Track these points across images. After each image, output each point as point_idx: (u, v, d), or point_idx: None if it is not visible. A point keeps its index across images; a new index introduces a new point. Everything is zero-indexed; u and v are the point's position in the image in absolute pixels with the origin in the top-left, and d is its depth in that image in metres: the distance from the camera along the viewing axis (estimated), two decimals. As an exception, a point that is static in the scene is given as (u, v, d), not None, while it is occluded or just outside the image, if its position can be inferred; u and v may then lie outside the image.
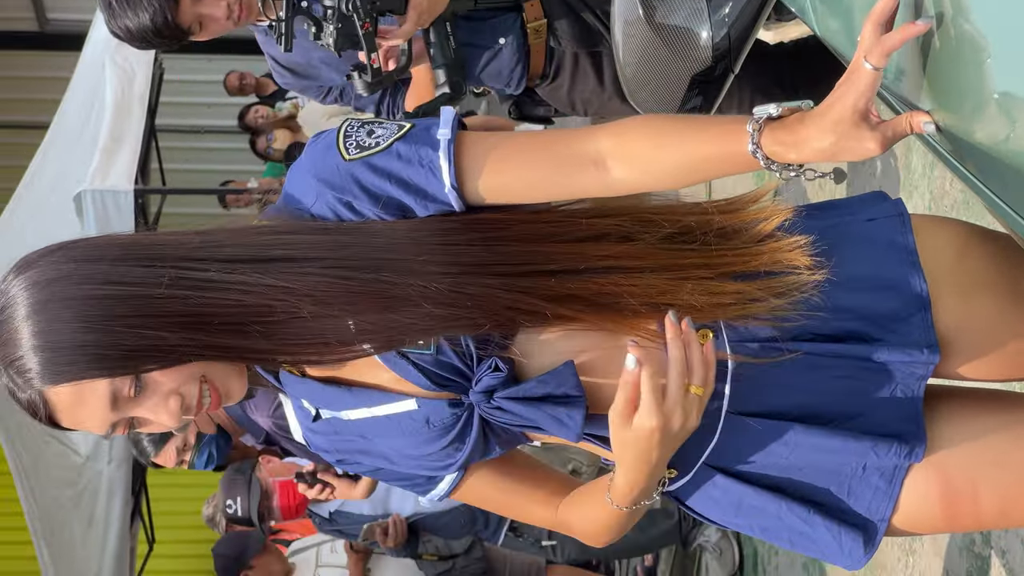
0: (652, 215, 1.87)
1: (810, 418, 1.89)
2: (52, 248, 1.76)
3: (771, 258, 1.84)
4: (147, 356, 1.73)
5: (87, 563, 7.31)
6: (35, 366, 1.71)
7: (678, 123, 1.82)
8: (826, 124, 1.66)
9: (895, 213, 1.96)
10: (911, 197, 4.31)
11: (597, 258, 1.82)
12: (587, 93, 3.38)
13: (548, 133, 1.88)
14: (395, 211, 1.83)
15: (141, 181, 7.43)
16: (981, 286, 1.91)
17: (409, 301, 1.77)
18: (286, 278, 1.75)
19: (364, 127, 1.87)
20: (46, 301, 1.70)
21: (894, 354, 1.86)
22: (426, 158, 1.82)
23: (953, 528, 1.99)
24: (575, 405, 1.84)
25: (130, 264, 1.73)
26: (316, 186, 1.84)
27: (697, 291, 1.82)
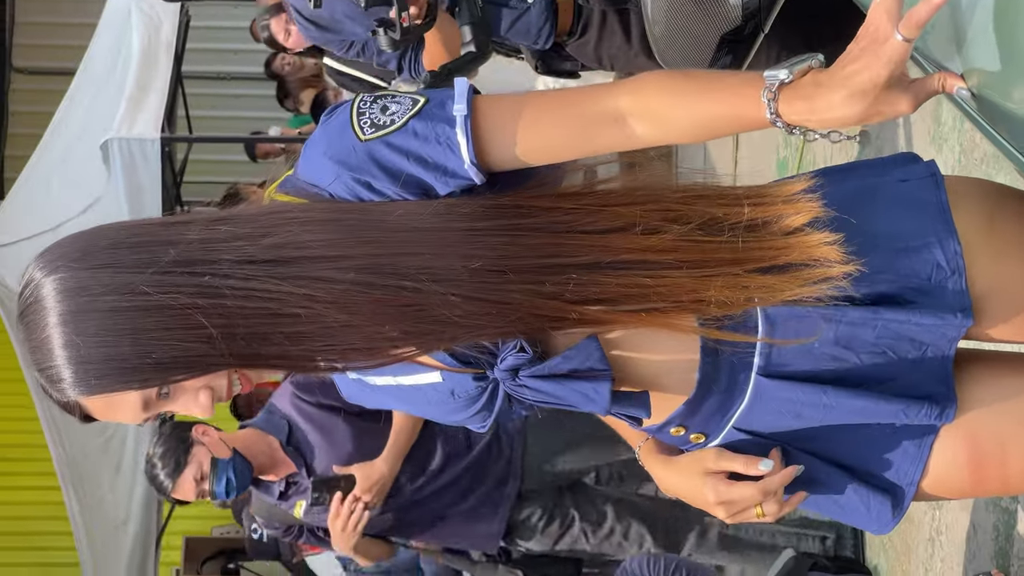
0: (680, 205, 1.84)
1: (841, 381, 1.88)
2: (75, 252, 1.73)
3: (801, 253, 1.81)
4: (174, 368, 1.72)
5: (115, 509, 7.36)
6: (67, 377, 1.71)
7: (694, 81, 1.79)
8: (852, 92, 1.64)
9: (928, 174, 1.93)
10: (940, 150, 4.28)
11: (623, 251, 1.80)
12: (614, 50, 3.36)
13: (566, 92, 1.84)
14: (415, 189, 1.80)
15: (168, 129, 7.43)
16: (1012, 248, 1.89)
17: (433, 312, 1.75)
18: (309, 285, 1.72)
19: (377, 102, 1.83)
20: (74, 312, 1.69)
21: (927, 317, 1.85)
22: (443, 135, 1.79)
23: (980, 492, 1.98)
24: (601, 379, 1.83)
25: (153, 273, 1.70)
26: (333, 167, 1.80)
27: (725, 287, 1.80)
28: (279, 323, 1.72)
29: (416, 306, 1.74)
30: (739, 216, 1.81)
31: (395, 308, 1.74)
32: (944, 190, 1.91)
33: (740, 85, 1.74)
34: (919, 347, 1.87)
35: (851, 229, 1.85)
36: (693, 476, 1.96)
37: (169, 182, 7.39)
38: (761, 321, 1.86)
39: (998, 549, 3.97)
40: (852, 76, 1.64)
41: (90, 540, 7.52)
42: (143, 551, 7.51)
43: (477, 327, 1.78)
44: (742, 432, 1.95)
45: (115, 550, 7.50)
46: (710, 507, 1.96)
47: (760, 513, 1.93)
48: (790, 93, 1.69)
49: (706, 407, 1.92)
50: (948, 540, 4.35)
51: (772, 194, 1.84)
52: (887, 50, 1.61)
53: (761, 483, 1.91)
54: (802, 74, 1.69)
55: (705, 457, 1.95)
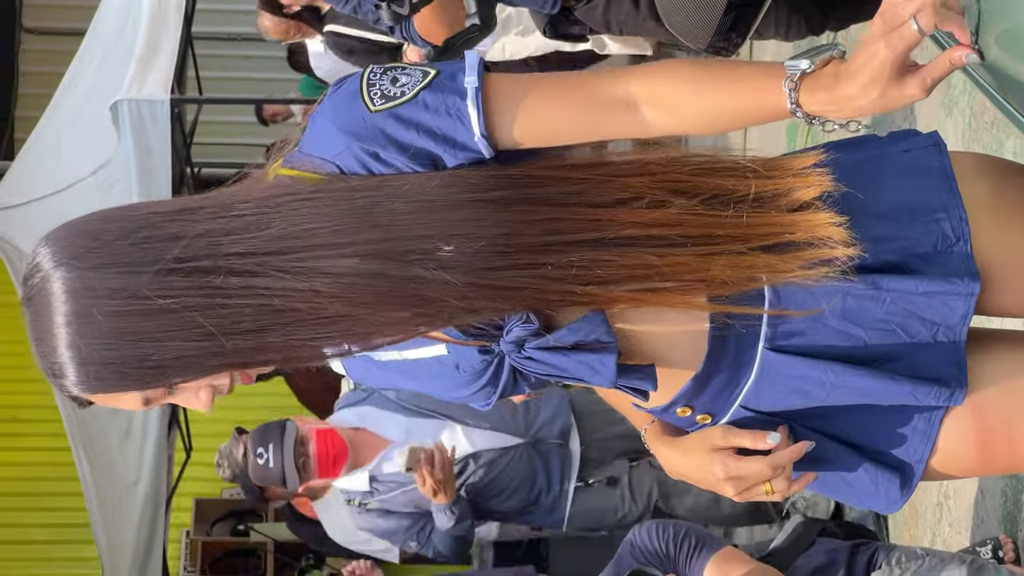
0: (691, 176, 1.83)
1: (849, 359, 1.87)
2: (80, 249, 1.73)
3: (806, 231, 1.80)
4: (175, 370, 1.73)
5: (125, 470, 7.37)
6: (71, 374, 1.73)
7: (709, 71, 1.79)
8: (864, 82, 1.64)
9: (931, 143, 1.93)
10: (951, 114, 4.26)
11: (627, 225, 1.78)
12: (622, 15, 3.33)
13: (577, 76, 1.84)
14: (424, 160, 1.80)
15: (177, 90, 7.40)
16: (1016, 219, 1.89)
17: (438, 297, 1.75)
18: (313, 278, 1.72)
19: (387, 74, 1.82)
20: (77, 314, 1.70)
21: (934, 284, 1.84)
22: (454, 107, 1.79)
23: (988, 470, 1.97)
24: (607, 351, 1.83)
25: (156, 273, 1.70)
26: (342, 138, 1.80)
27: (728, 265, 1.79)
28: (281, 317, 1.72)
29: (420, 295, 1.74)
30: (749, 188, 1.80)
31: (399, 296, 1.74)
32: (948, 157, 1.91)
33: (758, 76, 1.74)
34: (930, 328, 1.86)
35: (856, 199, 1.84)
36: (700, 454, 1.95)
37: (179, 143, 7.37)
38: (768, 293, 1.85)
39: (1006, 514, 3.97)
40: (863, 66, 1.64)
41: (100, 501, 7.54)
42: (153, 512, 7.52)
43: (482, 309, 1.78)
44: (749, 411, 1.95)
45: (125, 511, 7.51)
46: (719, 484, 1.94)
47: (769, 490, 1.92)
48: (811, 83, 1.69)
49: (713, 384, 1.92)
50: (956, 505, 4.35)
51: (783, 166, 1.83)
52: (896, 37, 1.61)
53: (770, 457, 1.90)
54: (823, 64, 1.70)
55: (712, 434, 1.94)
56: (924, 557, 3.55)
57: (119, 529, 7.58)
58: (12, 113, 12.20)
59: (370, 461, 5.15)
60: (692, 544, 3.59)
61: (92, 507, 7.60)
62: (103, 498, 7.53)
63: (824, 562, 3.75)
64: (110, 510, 7.57)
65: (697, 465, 1.96)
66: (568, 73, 1.86)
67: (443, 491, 4.82)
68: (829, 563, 3.74)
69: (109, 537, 7.64)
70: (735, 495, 1.95)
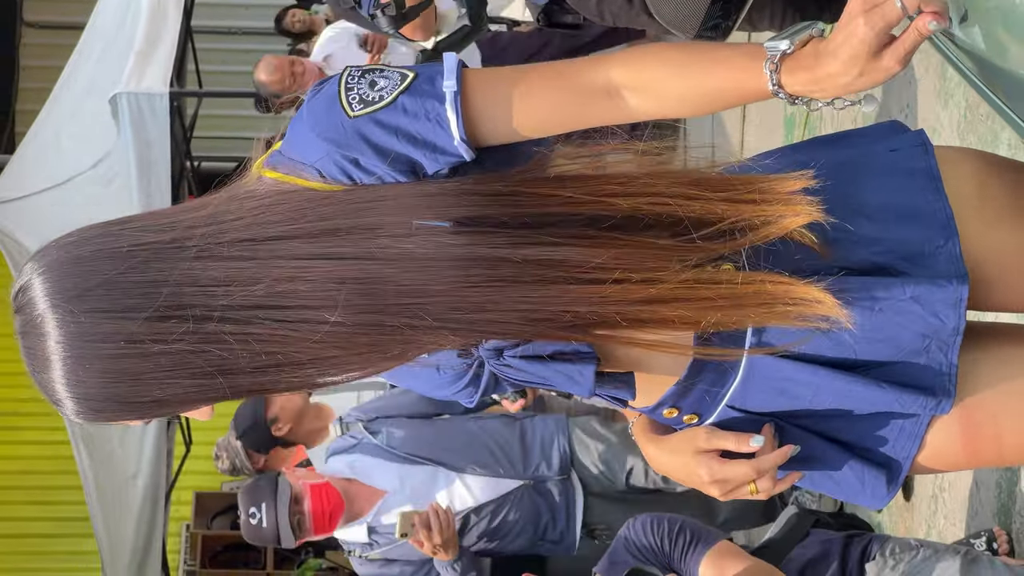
0: (679, 200, 1.78)
1: (836, 363, 1.87)
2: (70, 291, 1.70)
3: (800, 303, 1.78)
4: (173, 404, 1.73)
5: (125, 464, 7.38)
6: (69, 404, 1.72)
7: (690, 54, 1.77)
8: (844, 60, 1.63)
9: (918, 143, 1.92)
10: (946, 105, 4.26)
11: (622, 303, 1.75)
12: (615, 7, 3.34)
13: (558, 66, 1.82)
14: (404, 166, 1.77)
15: (177, 83, 7.42)
16: (1004, 216, 1.88)
17: (425, 338, 1.74)
18: (305, 329, 1.71)
19: (365, 77, 1.80)
20: (74, 357, 1.69)
21: (922, 287, 1.83)
22: (432, 111, 1.76)
23: (974, 464, 1.97)
24: (586, 361, 1.83)
25: (147, 319, 1.68)
26: (321, 145, 1.77)
27: (719, 321, 1.78)
28: (276, 359, 1.71)
29: (408, 338, 1.73)
30: (736, 214, 1.78)
31: (389, 339, 1.73)
32: (934, 158, 1.90)
33: (739, 57, 1.72)
34: (922, 340, 1.85)
35: (842, 200, 1.84)
36: (685, 455, 1.95)
37: (179, 137, 7.39)
38: (750, 331, 1.86)
39: (1000, 506, 3.97)
40: (842, 44, 1.63)
41: (100, 495, 7.55)
42: (153, 505, 7.54)
43: (470, 341, 1.79)
44: (735, 410, 1.94)
45: (125, 504, 7.53)
46: (704, 486, 1.94)
47: (754, 490, 1.92)
48: (792, 64, 1.68)
49: (698, 386, 1.91)
50: (951, 497, 4.36)
51: (771, 190, 1.80)
52: (877, 15, 1.60)
53: (755, 461, 1.90)
54: (803, 44, 1.68)
55: (697, 436, 1.94)
56: (918, 548, 3.55)
57: (118, 523, 7.60)
58: (12, 107, 12.23)
59: (366, 513, 5.03)
60: (687, 539, 3.59)
61: (91, 501, 7.62)
62: (103, 491, 7.54)
63: (818, 553, 3.74)
64: (110, 504, 7.58)
65: (682, 465, 1.96)
66: (548, 64, 1.84)
67: (444, 551, 4.70)
68: (823, 554, 3.73)
69: (108, 531, 7.66)
70: (720, 496, 1.95)
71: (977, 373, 1.90)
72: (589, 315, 1.75)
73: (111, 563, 7.73)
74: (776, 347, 1.85)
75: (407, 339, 1.73)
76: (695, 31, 2.37)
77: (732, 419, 1.94)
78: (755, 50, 1.71)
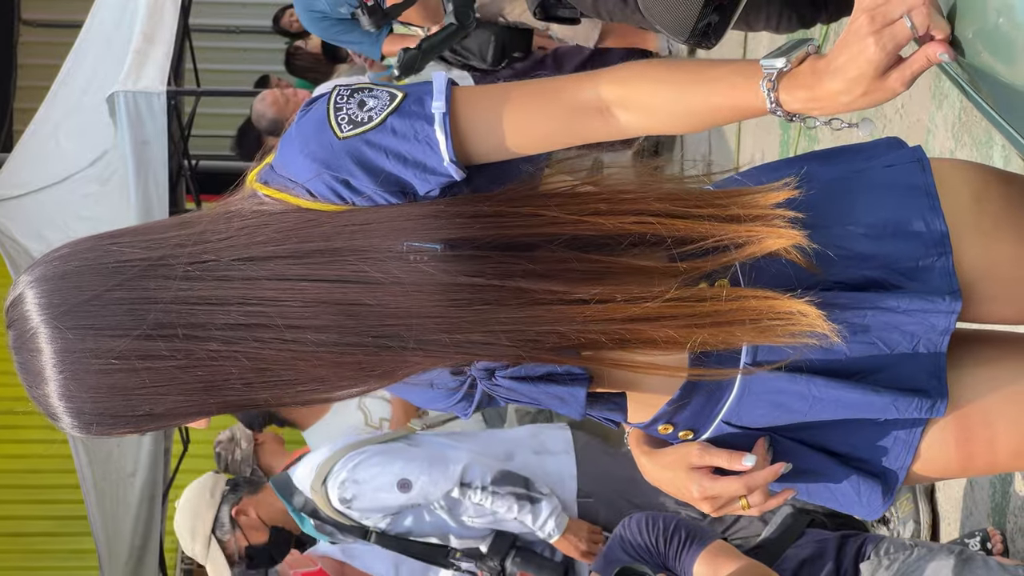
0: (664, 219, 1.79)
1: (830, 372, 1.87)
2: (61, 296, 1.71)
3: (784, 318, 1.78)
4: (165, 418, 1.75)
5: (123, 462, 7.40)
6: (65, 419, 1.73)
7: (682, 72, 1.77)
8: (849, 79, 1.63)
9: (914, 159, 1.92)
10: (941, 107, 4.26)
11: (606, 320, 1.76)
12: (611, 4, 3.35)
13: (548, 83, 1.82)
14: (394, 187, 1.77)
15: (174, 82, 7.42)
16: (1001, 229, 1.88)
17: (413, 361, 1.75)
18: (292, 349, 1.72)
19: (354, 97, 1.80)
20: (67, 374, 1.70)
21: (915, 302, 1.83)
22: (422, 132, 1.76)
23: (968, 472, 1.97)
24: (577, 384, 1.84)
25: (135, 338, 1.69)
26: (311, 166, 1.77)
27: (709, 338, 1.79)
28: (265, 376, 1.72)
29: (396, 359, 1.74)
30: (722, 234, 1.78)
31: (376, 360, 1.74)
32: (930, 173, 1.90)
33: (734, 75, 1.72)
34: (911, 340, 1.86)
35: (836, 216, 1.85)
36: (677, 471, 1.95)
37: (176, 135, 7.40)
38: (745, 348, 1.86)
39: (995, 506, 3.97)
40: (848, 63, 1.62)
41: (98, 493, 7.56)
42: (150, 504, 7.55)
43: (456, 361, 1.80)
44: (731, 426, 1.94)
45: (123, 503, 7.54)
46: (695, 502, 1.95)
47: (745, 505, 1.92)
48: (789, 82, 1.68)
49: (693, 404, 1.92)
50: (945, 497, 4.36)
51: (756, 205, 1.81)
52: (887, 34, 1.60)
53: (746, 478, 1.90)
54: (799, 61, 1.68)
55: (689, 452, 1.94)
56: (913, 548, 3.56)
57: (116, 521, 7.60)
58: (11, 105, 12.23)
59: None
60: (682, 538, 3.60)
61: (89, 499, 7.63)
62: (101, 490, 7.55)
63: (813, 553, 3.75)
64: (108, 502, 7.59)
65: (674, 481, 1.97)
66: (537, 80, 1.84)
67: None
68: (818, 554, 3.74)
69: (106, 529, 7.67)
70: (711, 512, 1.96)
71: (969, 380, 1.90)
72: (574, 336, 1.75)
73: (109, 562, 7.73)
74: (771, 364, 1.85)
75: (394, 360, 1.74)
76: (688, 32, 2.37)
77: (728, 434, 1.95)
78: (749, 68, 1.71)
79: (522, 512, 4.52)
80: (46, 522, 10.85)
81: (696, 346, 1.78)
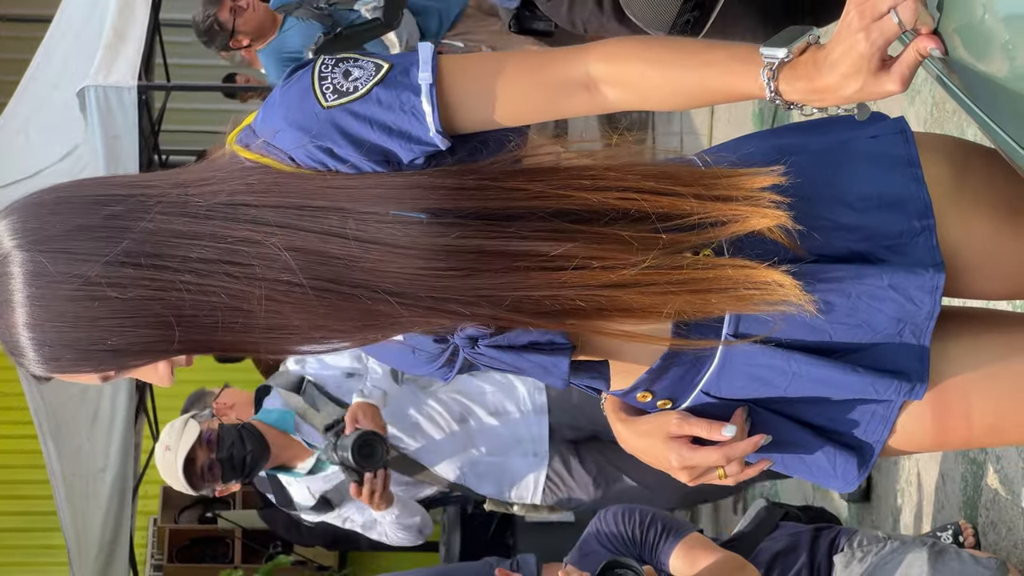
0: (648, 196, 1.80)
1: (812, 350, 1.89)
2: (31, 232, 1.72)
3: (761, 286, 1.80)
4: (129, 354, 1.74)
5: (92, 458, 7.36)
6: (29, 354, 1.74)
7: (676, 52, 1.78)
8: (844, 73, 1.63)
9: (897, 130, 1.94)
10: (913, 103, 4.29)
11: (582, 284, 1.77)
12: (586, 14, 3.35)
13: (535, 56, 1.83)
14: (378, 156, 1.79)
15: (145, 77, 7.39)
16: (981, 203, 1.91)
17: (388, 315, 1.75)
18: (266, 287, 1.72)
19: (339, 66, 1.81)
20: (35, 297, 1.70)
21: (899, 275, 1.85)
22: (408, 103, 1.78)
23: (943, 446, 1.99)
24: (560, 352, 1.85)
25: (106, 263, 1.70)
26: (294, 134, 1.78)
27: (689, 304, 1.80)
28: (235, 315, 1.72)
29: (371, 311, 1.74)
30: (705, 212, 1.79)
31: (348, 310, 1.74)
32: (913, 145, 1.92)
33: (732, 60, 1.73)
34: (896, 324, 1.87)
35: (821, 188, 1.86)
36: (655, 439, 1.96)
37: (147, 130, 7.36)
38: (728, 318, 1.87)
39: (966, 499, 4.00)
40: (842, 57, 1.63)
41: (67, 489, 7.51)
42: (120, 500, 7.50)
43: (429, 324, 1.79)
44: (710, 397, 1.96)
45: (93, 499, 7.49)
46: (672, 470, 1.96)
47: (723, 475, 1.93)
48: (790, 73, 1.68)
49: (672, 373, 1.93)
50: (917, 490, 4.39)
51: (738, 185, 1.82)
52: (875, 29, 1.60)
53: (725, 448, 1.91)
54: (800, 52, 1.68)
55: (668, 421, 1.95)
56: (886, 540, 3.58)
57: (86, 516, 7.56)
58: (-22, 100, 12.14)
59: None
60: (659, 530, 3.61)
61: (59, 494, 7.58)
62: (70, 485, 7.51)
63: (787, 545, 3.77)
64: (77, 497, 7.55)
65: (650, 448, 1.97)
66: (525, 52, 1.85)
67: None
68: (792, 546, 3.77)
69: (76, 525, 7.62)
70: (688, 481, 1.96)
71: (948, 355, 1.92)
72: (550, 301, 1.76)
73: (78, 557, 7.69)
74: (753, 336, 1.86)
75: (368, 314, 1.74)
76: (667, 28, 2.39)
77: (706, 404, 1.96)
78: (748, 55, 1.71)
79: None
80: (15, 517, 10.79)
81: (673, 314, 1.79)
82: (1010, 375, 1.92)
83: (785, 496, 5.66)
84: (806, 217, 1.82)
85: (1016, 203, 1.92)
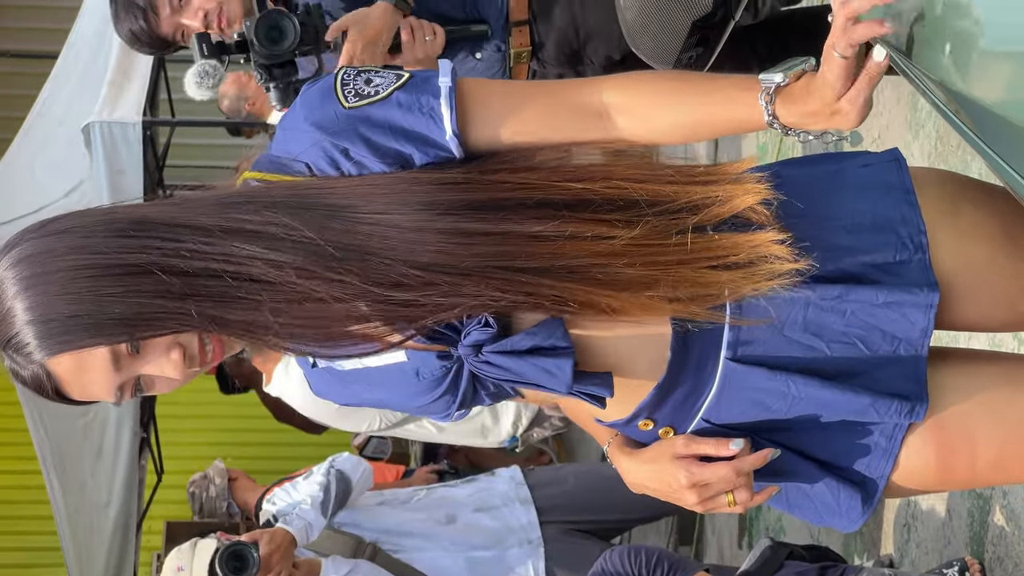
0: (632, 183, 1.84)
1: (811, 371, 1.89)
2: (35, 226, 1.77)
3: (749, 252, 1.83)
4: (138, 324, 1.74)
5: (97, 493, 7.35)
6: (32, 339, 1.73)
7: (685, 84, 1.84)
8: (827, 102, 1.72)
9: (891, 159, 1.97)
10: (917, 136, 4.29)
11: (572, 256, 1.80)
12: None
13: (550, 83, 1.89)
14: (393, 159, 1.82)
15: (150, 112, 7.41)
16: (976, 231, 1.92)
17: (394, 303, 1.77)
18: (258, 265, 1.74)
19: (361, 75, 1.86)
20: (33, 275, 1.72)
21: (894, 294, 1.86)
22: (427, 105, 1.82)
23: (948, 486, 1.99)
24: (563, 356, 1.85)
25: (111, 235, 1.73)
26: (312, 132, 1.82)
27: (685, 283, 1.81)
28: (241, 288, 1.74)
29: (379, 283, 1.77)
30: (688, 195, 1.83)
31: (364, 283, 1.76)
32: (907, 172, 1.95)
33: (733, 88, 1.79)
34: (892, 342, 1.88)
35: (814, 211, 1.88)
36: (662, 462, 1.95)
37: (151, 166, 7.38)
38: (730, 306, 1.87)
39: (972, 535, 3.98)
40: (821, 87, 1.73)
41: (71, 524, 7.51)
42: (124, 535, 7.50)
43: (435, 314, 1.80)
44: (710, 424, 1.96)
45: (96, 534, 7.49)
46: (681, 492, 1.93)
47: (731, 501, 1.92)
48: (786, 97, 1.76)
49: (674, 396, 1.93)
50: (923, 526, 4.37)
51: (720, 171, 1.87)
52: (826, 68, 1.71)
53: (735, 462, 1.90)
54: (796, 77, 1.76)
55: (674, 443, 1.94)
56: (891, 578, 3.57)
57: (90, 552, 7.56)
58: (-16, 136, 12.17)
59: None
60: (665, 569, 3.60)
61: (63, 530, 7.58)
62: (74, 521, 7.51)
63: (792, 583, 3.76)
64: (81, 533, 7.55)
65: (658, 472, 1.96)
66: (540, 82, 1.90)
67: None
68: (797, 584, 3.75)
69: (80, 560, 7.62)
70: (698, 503, 1.94)
71: (950, 392, 1.93)
72: (542, 276, 1.79)
73: (82, 593, 7.69)
74: (759, 319, 1.87)
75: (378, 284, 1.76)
76: (672, 62, 2.42)
77: (706, 431, 1.96)
78: (748, 82, 1.78)
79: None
80: (18, 553, 10.77)
81: (668, 286, 1.80)
82: (1014, 417, 1.92)
83: (791, 534, 5.64)
84: (800, 238, 1.85)
85: (1013, 231, 1.93)
